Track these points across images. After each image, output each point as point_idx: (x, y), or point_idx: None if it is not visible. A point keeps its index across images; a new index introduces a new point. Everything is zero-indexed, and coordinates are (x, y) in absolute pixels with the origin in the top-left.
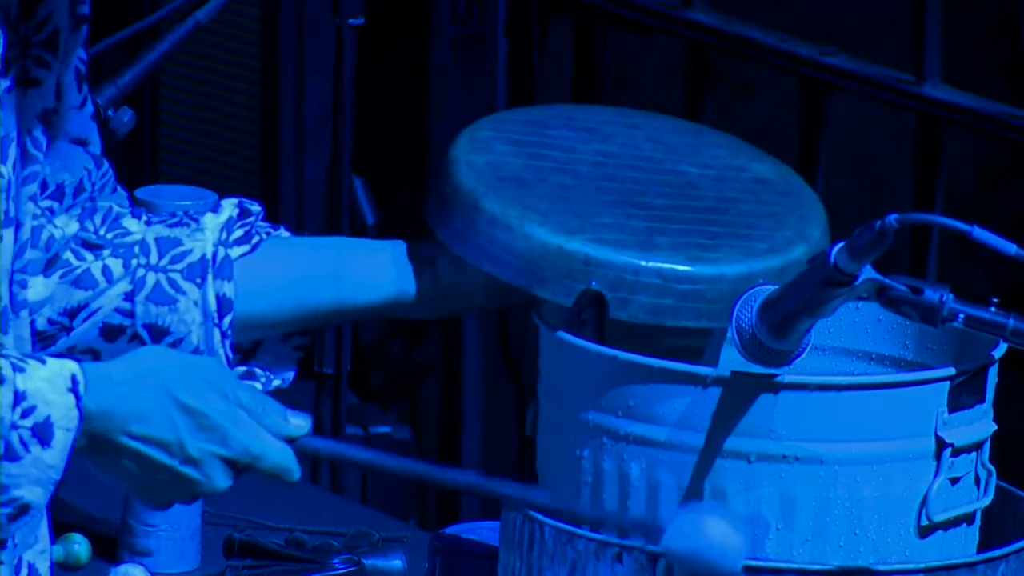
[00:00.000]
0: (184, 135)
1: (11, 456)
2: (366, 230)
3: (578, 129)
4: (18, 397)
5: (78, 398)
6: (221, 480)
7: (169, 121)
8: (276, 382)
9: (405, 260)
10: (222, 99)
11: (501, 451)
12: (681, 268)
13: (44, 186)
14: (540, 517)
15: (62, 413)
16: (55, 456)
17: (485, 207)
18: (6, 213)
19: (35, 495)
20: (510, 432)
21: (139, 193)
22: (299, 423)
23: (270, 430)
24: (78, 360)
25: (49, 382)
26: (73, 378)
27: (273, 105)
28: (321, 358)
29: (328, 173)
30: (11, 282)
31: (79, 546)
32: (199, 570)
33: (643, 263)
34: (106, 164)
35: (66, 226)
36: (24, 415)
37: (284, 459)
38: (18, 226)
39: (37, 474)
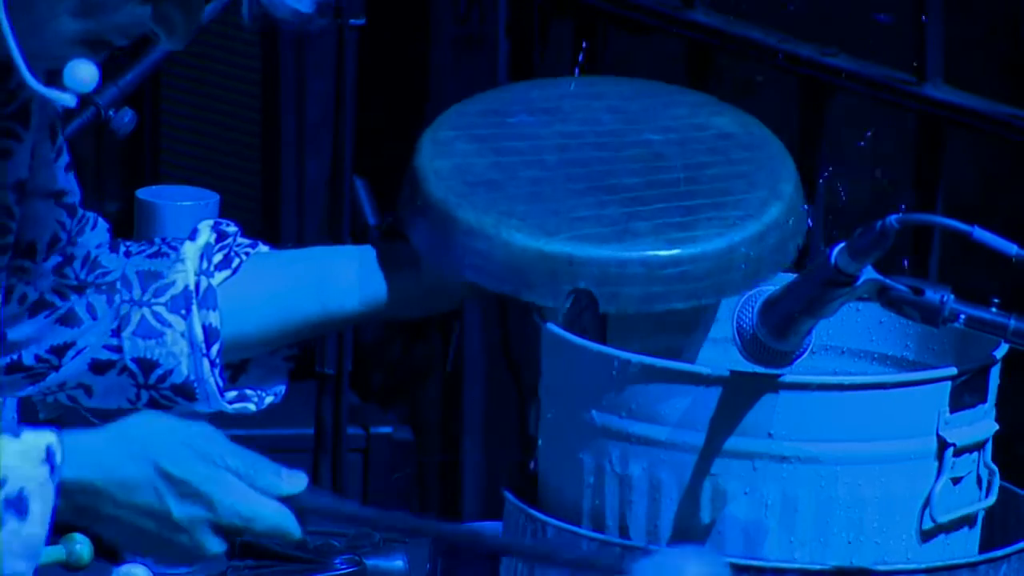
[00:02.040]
0: (185, 135)
1: None
2: (367, 230)
3: (537, 112)
4: None
5: (53, 469)
6: (213, 545)
7: (170, 122)
8: (268, 399)
9: (387, 263)
10: (223, 99)
11: (502, 451)
12: (664, 253)
13: (16, 247)
14: (543, 517)
15: (35, 486)
16: (34, 527)
17: (459, 217)
18: None
19: (19, 568)
20: (511, 432)
21: (140, 194)
22: (294, 480)
23: (264, 491)
24: (57, 431)
25: (21, 455)
26: (48, 449)
27: (274, 106)
28: (322, 358)
29: (329, 173)
30: None
31: (81, 546)
32: (201, 570)
33: (625, 255)
34: (81, 211)
35: (40, 279)
36: None
37: (280, 519)
38: None
39: (19, 547)
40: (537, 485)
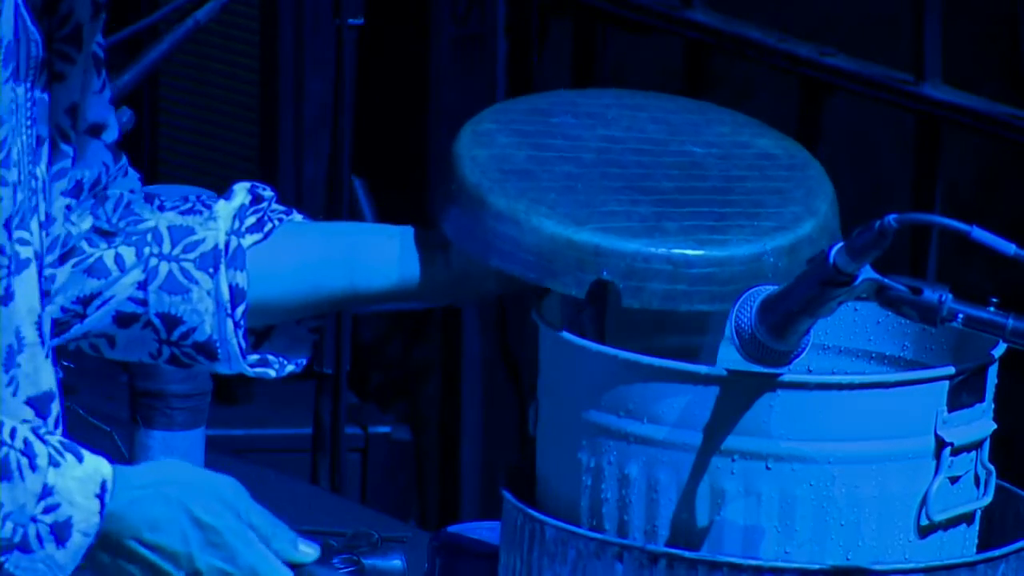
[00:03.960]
0: (183, 135)
1: (24, 548)
2: None
3: (581, 115)
4: (45, 491)
5: (103, 505)
6: None
7: (168, 121)
8: (289, 367)
9: (418, 246)
10: (221, 99)
11: (500, 450)
12: (691, 252)
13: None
14: (541, 517)
15: (83, 517)
16: (67, 556)
17: (491, 202)
18: (47, 215)
19: None
20: (509, 431)
21: None
22: (307, 551)
23: (278, 554)
24: (111, 461)
25: (80, 483)
26: (103, 484)
27: (272, 105)
28: (320, 358)
29: (327, 173)
30: (40, 277)
31: None
32: None
33: (653, 250)
34: (123, 156)
35: (81, 222)
36: (47, 511)
37: None
38: (51, 222)
39: (44, 569)
40: (535, 484)
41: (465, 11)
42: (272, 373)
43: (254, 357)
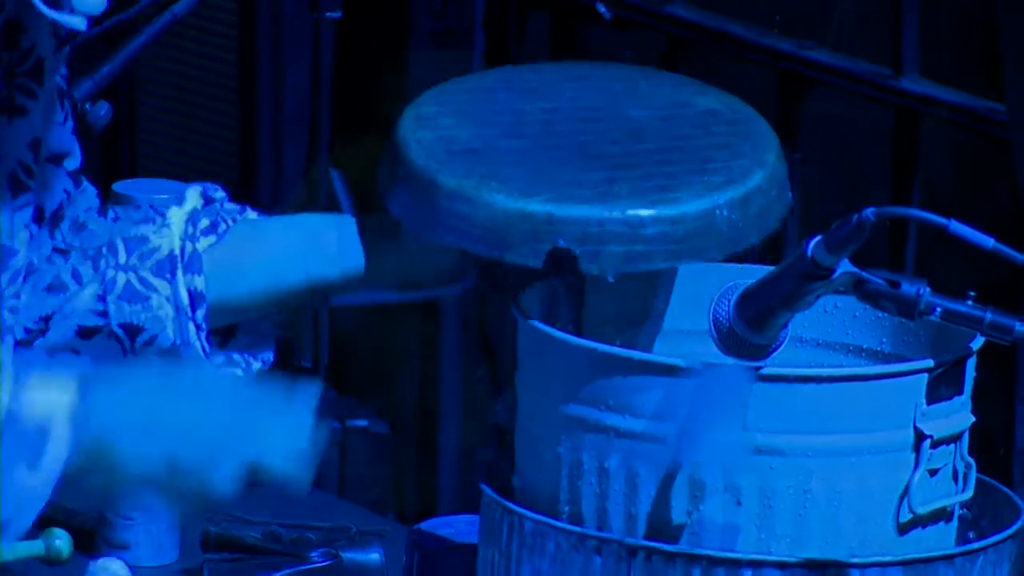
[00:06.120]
0: (162, 129)
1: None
2: None
3: (522, 91)
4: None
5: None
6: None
7: (147, 115)
8: (256, 365)
9: (372, 232)
10: (200, 92)
11: (479, 444)
12: (644, 212)
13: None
14: (520, 511)
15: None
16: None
17: (441, 182)
18: (7, 247)
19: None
20: (488, 425)
21: (117, 187)
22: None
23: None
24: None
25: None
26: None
27: (251, 99)
28: (298, 351)
29: (305, 166)
30: (1, 308)
31: (60, 541)
32: (178, 563)
33: (607, 214)
34: (84, 182)
35: (41, 247)
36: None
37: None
38: (13, 254)
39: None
40: (514, 478)
41: (442, 5)
42: (239, 372)
43: (220, 358)
